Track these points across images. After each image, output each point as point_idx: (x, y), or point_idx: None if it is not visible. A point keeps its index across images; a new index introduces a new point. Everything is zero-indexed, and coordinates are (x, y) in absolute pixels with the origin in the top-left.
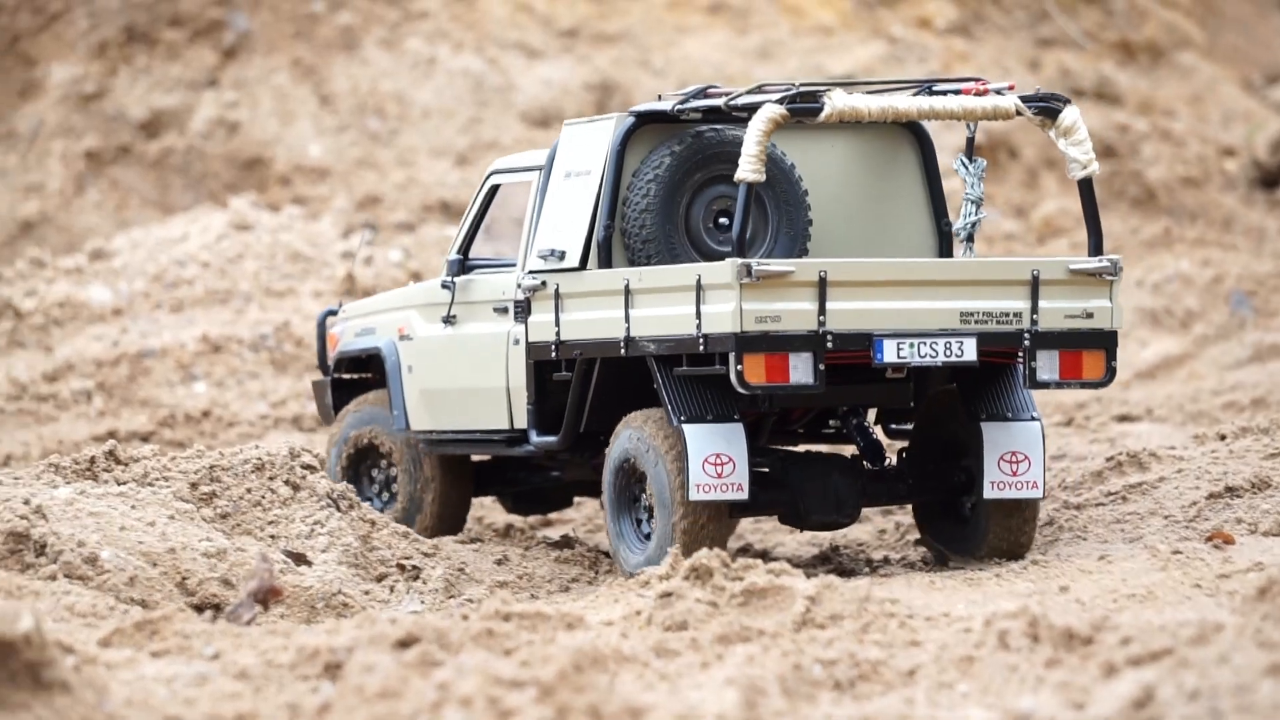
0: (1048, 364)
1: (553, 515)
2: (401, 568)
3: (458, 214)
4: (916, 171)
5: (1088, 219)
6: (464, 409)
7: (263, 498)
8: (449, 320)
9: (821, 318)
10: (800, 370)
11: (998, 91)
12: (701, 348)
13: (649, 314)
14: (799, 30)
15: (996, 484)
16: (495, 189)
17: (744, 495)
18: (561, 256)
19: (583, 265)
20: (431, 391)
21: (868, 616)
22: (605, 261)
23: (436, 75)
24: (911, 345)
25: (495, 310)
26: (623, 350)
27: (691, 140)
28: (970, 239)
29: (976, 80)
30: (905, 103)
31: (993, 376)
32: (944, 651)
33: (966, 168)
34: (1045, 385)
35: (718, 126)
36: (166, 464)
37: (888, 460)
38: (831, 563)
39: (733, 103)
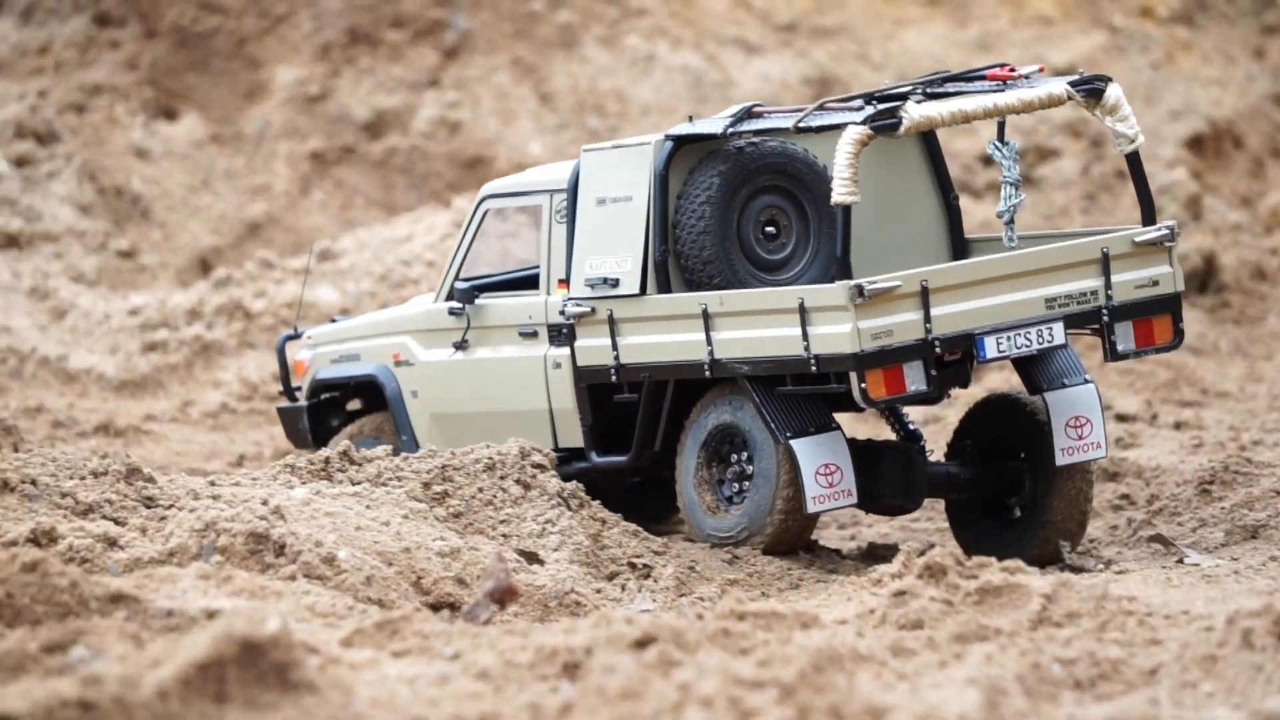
0: (1125, 335)
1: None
2: (633, 566)
3: None
4: (918, 149)
5: (1139, 190)
6: (492, 431)
7: (494, 497)
8: (461, 345)
9: (928, 325)
10: (914, 378)
11: (1025, 76)
12: (813, 368)
13: (737, 336)
14: (1019, 21)
15: (1066, 450)
16: (488, 213)
17: (854, 499)
18: (615, 284)
19: (642, 291)
20: (447, 415)
21: (1105, 614)
22: (663, 285)
23: (655, 72)
24: (1008, 338)
25: (521, 335)
26: (707, 372)
27: (735, 157)
28: (1011, 221)
29: (1001, 66)
30: (970, 104)
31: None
32: (1186, 650)
33: (1000, 151)
34: (1125, 356)
35: (755, 141)
36: (399, 464)
37: (930, 450)
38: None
39: (802, 124)
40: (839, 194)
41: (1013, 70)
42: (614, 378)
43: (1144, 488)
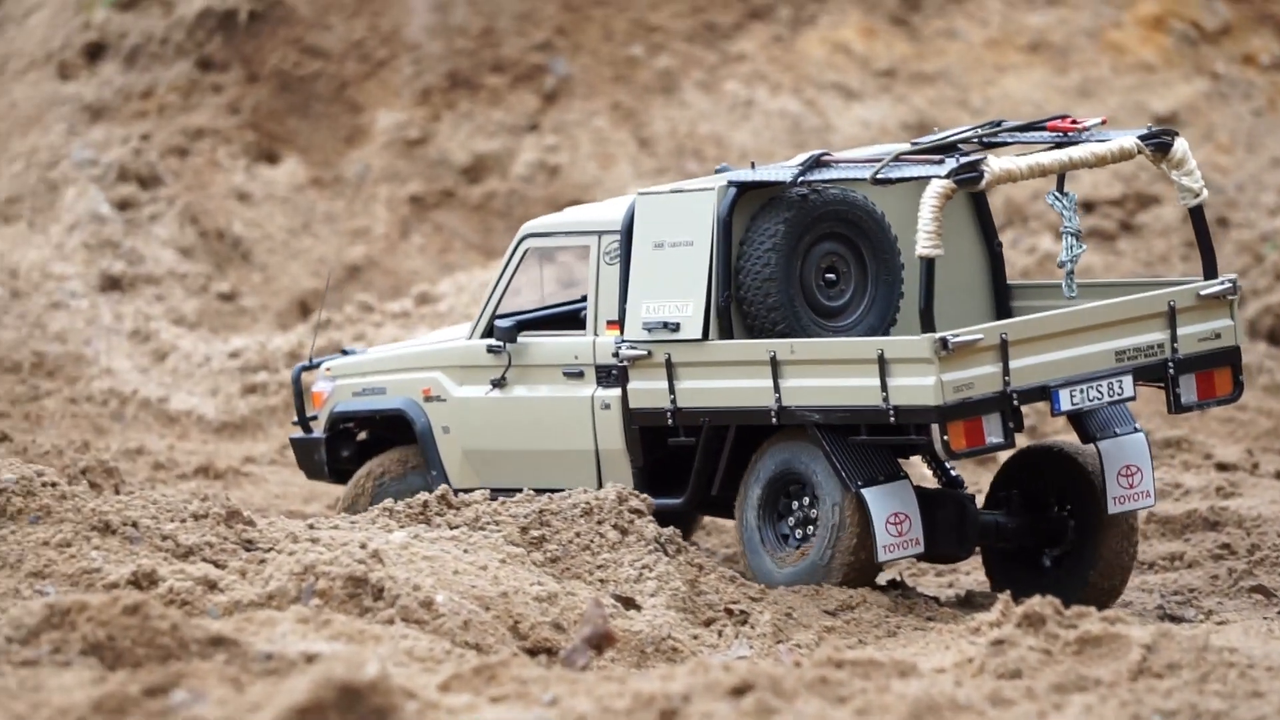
0: (1188, 388)
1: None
2: (729, 612)
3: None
4: (964, 196)
5: (1201, 243)
6: (532, 469)
7: (591, 541)
8: (500, 384)
9: (1007, 378)
10: (993, 430)
11: (1087, 128)
12: (892, 419)
13: (808, 385)
14: (1120, 68)
15: (1118, 499)
16: (528, 252)
17: (921, 549)
18: (676, 328)
19: (704, 336)
20: (482, 452)
21: (1206, 666)
22: (725, 331)
23: (754, 117)
24: (1081, 390)
25: (566, 375)
26: (774, 419)
27: (800, 205)
28: (1071, 272)
29: (1063, 117)
30: (1047, 158)
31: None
32: None
33: (1061, 202)
34: (1188, 409)
35: (818, 188)
36: (497, 508)
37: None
38: (1162, 610)
39: (881, 176)
40: (924, 247)
41: (1075, 122)
42: (670, 421)
43: (1245, 537)
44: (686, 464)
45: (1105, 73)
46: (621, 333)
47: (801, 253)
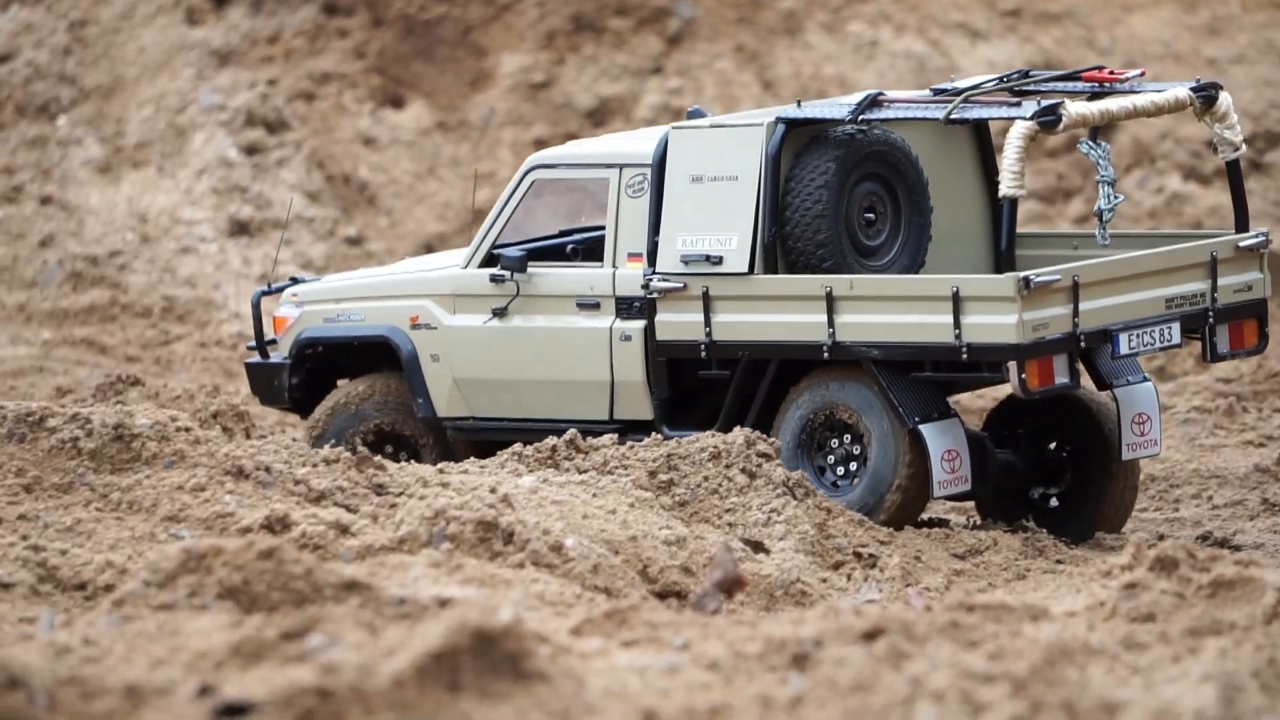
0: (1222, 338)
1: None
2: (858, 555)
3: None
4: (970, 141)
5: (1235, 197)
6: (536, 399)
7: (719, 485)
8: (501, 313)
9: (1076, 319)
10: (1062, 371)
11: (1125, 78)
12: (964, 356)
13: (866, 320)
14: (1250, 5)
15: (1131, 445)
16: (535, 184)
17: (969, 485)
18: (719, 261)
19: (750, 270)
20: (479, 381)
21: None
22: (770, 266)
23: (879, 58)
24: (1138, 335)
25: (580, 306)
26: (826, 355)
27: (847, 144)
28: (1106, 221)
29: (1099, 68)
30: (1114, 104)
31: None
32: None
33: (1096, 150)
34: (1222, 358)
35: (864, 129)
36: (625, 452)
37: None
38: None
39: (954, 116)
40: (1008, 186)
41: (1112, 72)
42: (703, 354)
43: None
44: (709, 397)
45: (1235, 10)
46: (650, 265)
47: (848, 191)
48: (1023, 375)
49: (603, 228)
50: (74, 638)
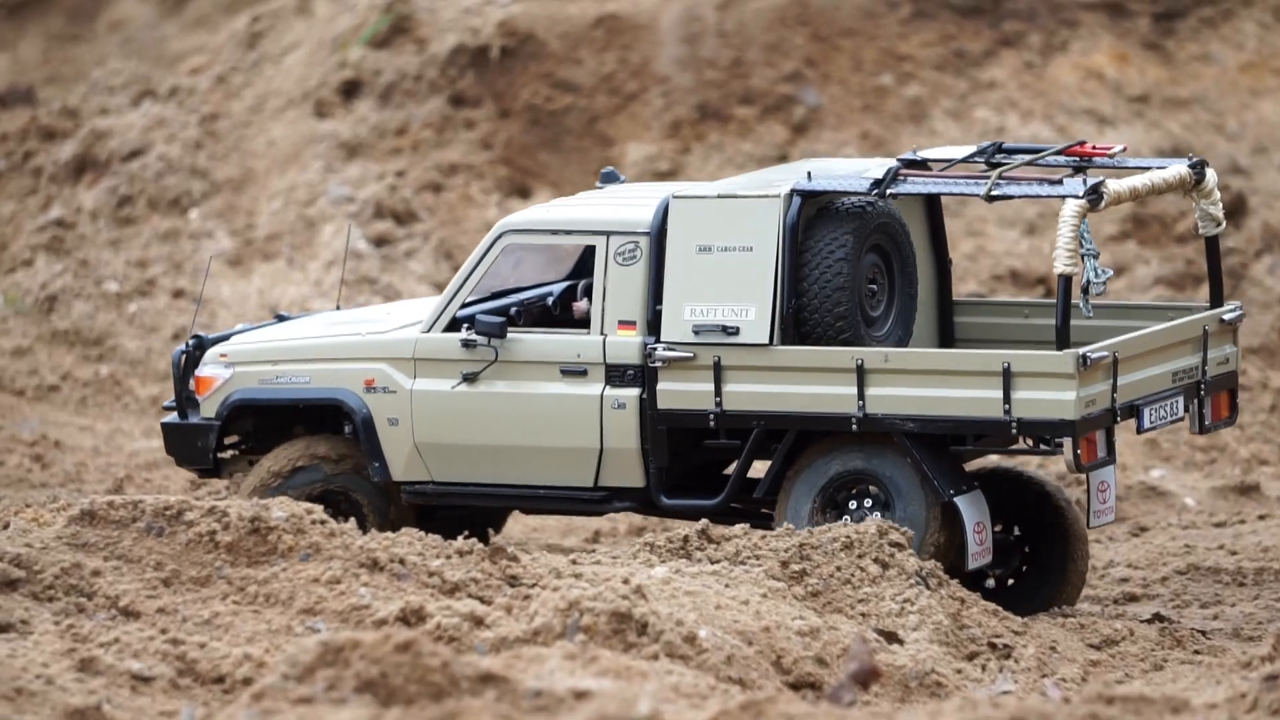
0: (1208, 410)
1: None
2: (993, 646)
3: (1027, 284)
4: (921, 210)
5: (1212, 271)
6: (512, 465)
7: (852, 575)
8: (472, 378)
9: (1114, 394)
10: (1102, 446)
11: (1110, 153)
12: (1014, 431)
13: (900, 393)
14: None
15: (1097, 513)
16: (506, 249)
17: (990, 558)
18: (735, 331)
19: (770, 341)
20: (446, 446)
21: None
22: (790, 337)
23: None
24: (1156, 409)
25: (564, 372)
26: (854, 426)
27: (860, 216)
28: (1089, 292)
29: (1081, 143)
30: (1139, 182)
31: None
32: None
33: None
34: (1208, 430)
35: (872, 201)
36: (757, 542)
37: None
38: None
39: (992, 194)
40: (1062, 264)
41: (1095, 147)
42: (712, 423)
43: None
44: (706, 466)
45: None
46: (651, 334)
47: (861, 263)
48: (1078, 451)
49: (544, 286)
50: None
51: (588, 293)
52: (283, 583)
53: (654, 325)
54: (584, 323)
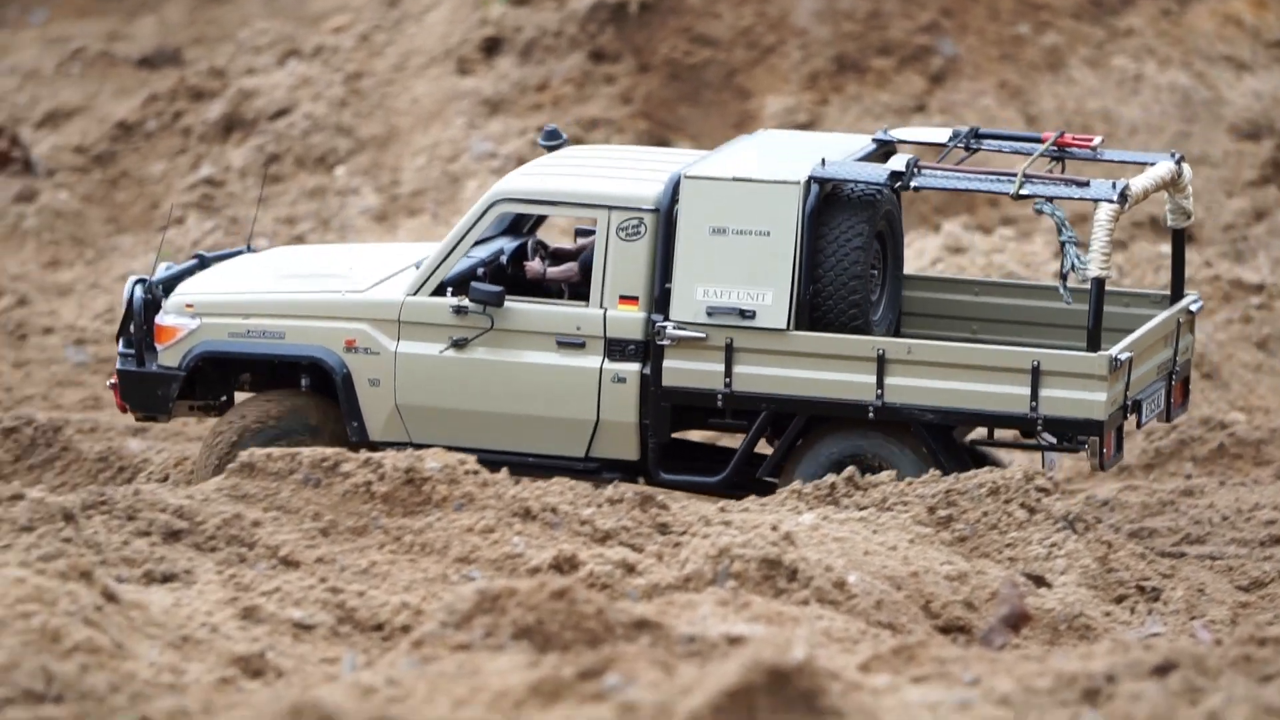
0: (1174, 398)
1: None
2: (1140, 589)
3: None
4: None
5: (1176, 263)
6: (499, 432)
7: (999, 520)
8: (460, 344)
9: (1127, 392)
10: (1116, 445)
11: (1092, 146)
12: (1040, 428)
13: (921, 384)
14: None
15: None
16: (499, 217)
17: None
18: (751, 315)
19: (788, 326)
20: (429, 409)
21: None
22: (804, 322)
23: (1143, 91)
24: (1149, 403)
25: (560, 344)
26: (871, 414)
27: (872, 205)
28: (1065, 278)
29: (1061, 134)
30: (1149, 181)
31: None
32: None
33: (1054, 212)
34: (1170, 419)
35: (882, 188)
36: (904, 489)
37: None
38: None
39: (1020, 193)
40: (1098, 268)
41: (1075, 138)
42: (719, 403)
43: None
44: (700, 443)
45: None
46: (659, 312)
47: (871, 250)
48: (1104, 449)
49: (493, 242)
50: (378, 678)
51: (537, 251)
52: (438, 532)
53: (658, 302)
54: (536, 282)
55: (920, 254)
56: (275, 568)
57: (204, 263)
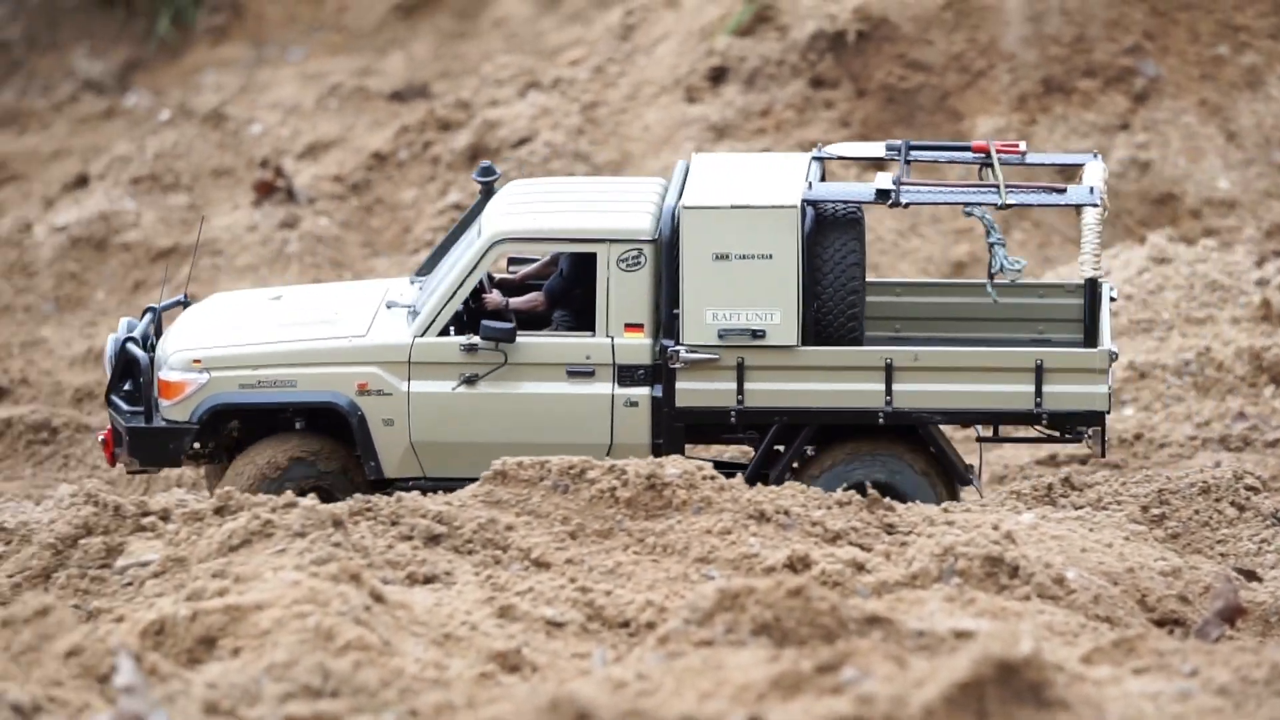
0: None
1: None
2: None
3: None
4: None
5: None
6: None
7: (1210, 518)
8: (471, 380)
9: (1110, 385)
10: (1099, 436)
11: (1020, 151)
12: (1044, 423)
13: (927, 389)
14: None
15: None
16: (498, 257)
17: None
18: (762, 334)
19: (798, 343)
20: (445, 445)
21: None
22: (810, 337)
23: None
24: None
25: (571, 373)
26: (880, 420)
27: (858, 223)
28: (1009, 281)
29: (988, 141)
30: (1095, 178)
31: None
32: None
33: (984, 216)
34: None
35: (859, 206)
36: (1118, 489)
37: None
38: None
39: (1006, 203)
40: (1090, 269)
41: (1001, 145)
42: (732, 419)
43: None
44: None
45: None
46: (668, 337)
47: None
48: (1105, 438)
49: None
50: (627, 672)
51: (493, 283)
52: (678, 534)
53: (665, 328)
54: (498, 312)
55: (1126, 265)
56: (528, 569)
57: (155, 313)
